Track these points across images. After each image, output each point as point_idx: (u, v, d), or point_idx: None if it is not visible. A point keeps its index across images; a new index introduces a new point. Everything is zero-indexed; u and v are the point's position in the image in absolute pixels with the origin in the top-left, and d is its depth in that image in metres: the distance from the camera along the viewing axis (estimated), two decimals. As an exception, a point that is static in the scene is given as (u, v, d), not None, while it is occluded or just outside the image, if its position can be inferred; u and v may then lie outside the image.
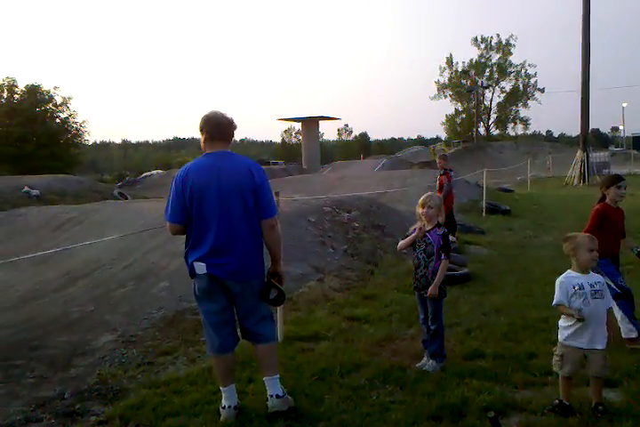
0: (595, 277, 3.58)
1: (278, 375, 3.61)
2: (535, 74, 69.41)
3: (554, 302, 3.54)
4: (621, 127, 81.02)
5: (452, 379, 4.03)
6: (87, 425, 3.48)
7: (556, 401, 3.54)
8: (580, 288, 3.51)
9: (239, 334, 3.70)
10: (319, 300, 6.17)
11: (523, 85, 69.60)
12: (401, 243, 4.59)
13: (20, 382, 4.08)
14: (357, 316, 5.62)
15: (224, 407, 3.50)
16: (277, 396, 3.53)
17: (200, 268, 3.51)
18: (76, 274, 7.10)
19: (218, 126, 3.64)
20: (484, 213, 13.67)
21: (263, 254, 3.57)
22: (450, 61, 70.33)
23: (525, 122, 71.82)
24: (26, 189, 17.43)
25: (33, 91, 38.57)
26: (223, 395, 3.53)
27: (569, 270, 3.65)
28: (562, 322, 3.60)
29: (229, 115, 3.73)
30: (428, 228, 4.41)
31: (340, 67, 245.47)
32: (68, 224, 9.93)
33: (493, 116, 72.27)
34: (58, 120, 39.71)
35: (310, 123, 53.88)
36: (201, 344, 4.81)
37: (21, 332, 5.13)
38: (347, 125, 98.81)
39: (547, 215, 14.31)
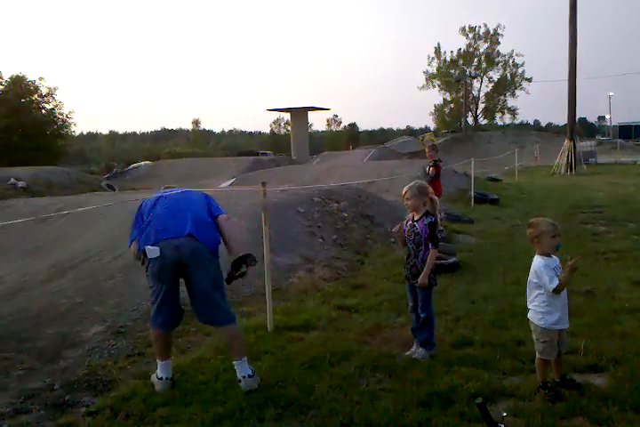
0: (556, 261, 3.71)
1: (246, 357, 3.87)
2: (523, 63, 69.63)
3: (554, 285, 3.55)
4: (608, 117, 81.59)
5: (441, 366, 4.07)
6: (77, 416, 3.48)
7: (541, 384, 3.62)
8: (555, 271, 3.62)
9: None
10: (309, 290, 6.19)
11: (510, 75, 69.74)
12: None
13: (8, 374, 4.06)
14: (347, 305, 5.65)
15: (161, 378, 3.80)
16: (248, 376, 3.77)
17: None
18: (64, 266, 7.05)
19: None
20: (472, 203, 13.72)
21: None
22: (438, 51, 70.27)
23: (513, 111, 72.09)
24: (12, 180, 17.26)
25: (18, 81, 38.06)
26: (160, 368, 3.84)
27: (537, 256, 3.74)
28: (542, 309, 3.65)
29: None
30: (416, 217, 4.43)
31: (329, 57, 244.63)
32: (55, 216, 9.84)
33: (481, 106, 72.44)
34: (44, 111, 39.25)
35: (299, 113, 53.70)
36: (191, 334, 4.82)
37: (10, 324, 5.09)
38: (336, 116, 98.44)
39: (534, 204, 14.39)
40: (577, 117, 29.24)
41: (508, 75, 69.68)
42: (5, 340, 4.66)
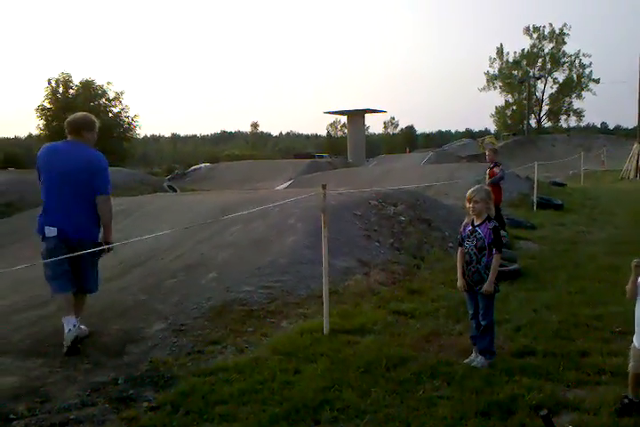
0: None
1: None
2: (590, 64, 66.97)
3: None
4: (682, 119, 77.37)
5: (501, 376, 3.97)
6: (139, 411, 3.58)
7: (625, 400, 3.45)
8: None
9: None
10: (365, 293, 6.17)
11: (577, 76, 67.28)
12: None
13: (76, 367, 4.23)
14: (403, 310, 5.59)
15: (70, 330, 4.42)
16: (74, 326, 4.47)
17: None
18: (129, 264, 7.31)
19: (69, 123, 4.88)
20: (534, 208, 13.33)
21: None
22: (500, 52, 68.59)
23: (579, 114, 69.45)
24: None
25: (87, 86, 39.70)
26: (68, 321, 4.47)
27: None
28: None
29: (89, 116, 5.03)
30: (477, 222, 4.34)
31: (387, 59, 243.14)
32: (120, 216, 10.20)
33: (545, 108, 70.20)
34: (111, 114, 40.78)
35: (356, 116, 53.58)
36: (248, 334, 4.89)
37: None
38: (393, 118, 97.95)
39: (601, 210, 13.85)
40: (648, 120, 27.84)
41: (574, 75, 67.28)
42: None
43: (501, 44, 69.61)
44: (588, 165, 26.85)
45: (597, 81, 66.30)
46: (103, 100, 40.57)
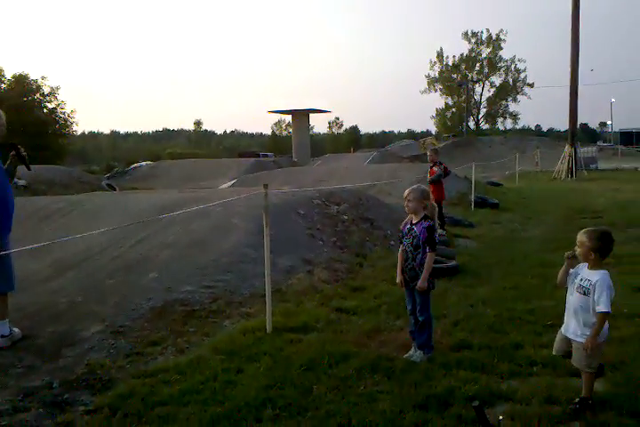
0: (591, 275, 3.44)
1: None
2: (525, 69, 69.90)
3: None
4: (609, 123, 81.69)
5: (439, 369, 4.08)
6: (76, 415, 3.48)
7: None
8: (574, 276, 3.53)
9: None
10: (308, 291, 6.20)
11: (512, 80, 69.92)
12: None
13: (7, 372, 4.06)
14: (346, 307, 5.66)
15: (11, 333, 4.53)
16: (3, 336, 4.49)
17: None
18: (63, 265, 7.05)
19: None
20: (472, 207, 13.75)
21: None
22: (440, 55, 70.47)
23: (515, 116, 72.29)
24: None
25: (20, 80, 38.12)
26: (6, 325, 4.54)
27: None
28: None
29: None
30: (415, 220, 4.45)
31: (332, 59, 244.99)
32: (56, 215, 9.84)
33: (483, 111, 72.61)
34: (45, 110, 39.29)
35: (301, 115, 53.75)
36: (190, 335, 4.83)
37: (9, 322, 5.10)
38: (337, 118, 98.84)
39: (534, 209, 14.42)
40: (578, 123, 29.28)
41: (510, 80, 69.85)
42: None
43: (441, 48, 71.67)
44: (523, 166, 27.91)
45: (532, 85, 69.18)
46: (37, 95, 39.04)
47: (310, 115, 55.69)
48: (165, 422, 3.36)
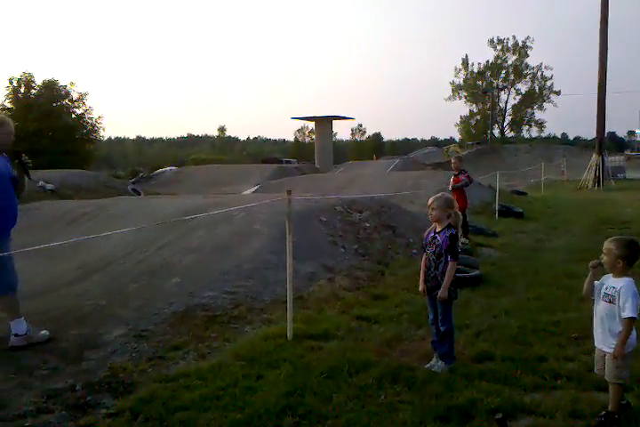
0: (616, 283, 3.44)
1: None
2: (551, 76, 69.04)
3: None
4: (638, 131, 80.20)
5: (461, 380, 4.03)
6: (97, 417, 3.52)
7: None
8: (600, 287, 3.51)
9: None
10: (329, 299, 6.19)
11: (539, 88, 69.17)
12: None
13: (32, 373, 4.12)
14: (367, 315, 5.63)
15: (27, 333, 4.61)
16: (16, 335, 4.57)
17: None
18: (89, 268, 7.17)
19: None
20: (496, 216, 13.60)
21: None
22: (465, 62, 70.10)
23: (541, 124, 71.41)
24: (41, 183, 17.60)
25: (50, 86, 38.80)
26: (25, 322, 4.65)
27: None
28: None
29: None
30: (438, 229, 4.43)
31: (356, 66, 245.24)
32: (82, 218, 10.02)
33: (508, 119, 71.89)
34: (74, 116, 39.96)
35: (324, 122, 53.90)
36: (211, 340, 4.85)
37: (34, 324, 5.18)
38: (360, 125, 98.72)
39: (560, 219, 14.21)
40: (606, 131, 28.82)
41: (537, 87, 69.13)
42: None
43: (466, 55, 71.30)
44: (548, 175, 27.56)
45: (558, 93, 68.33)
46: (66, 101, 39.72)
47: (333, 121, 55.81)
48: (185, 427, 3.37)
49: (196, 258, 7.05)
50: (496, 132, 69.73)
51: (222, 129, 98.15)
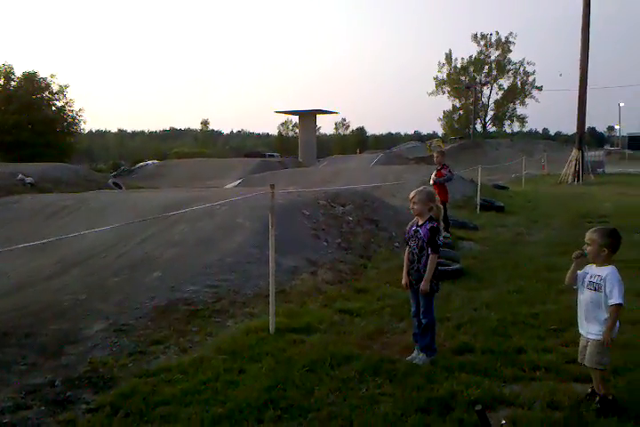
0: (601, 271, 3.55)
1: None
2: (534, 72, 69.53)
3: None
4: (617, 127, 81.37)
5: (442, 373, 4.06)
6: (77, 413, 3.49)
7: (589, 389, 3.63)
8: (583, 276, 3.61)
9: None
10: (312, 292, 6.20)
11: (521, 83, 69.67)
12: None
13: (10, 369, 4.08)
14: (349, 309, 5.65)
15: None
16: None
17: None
18: (68, 262, 7.09)
19: None
20: (477, 210, 13.71)
21: None
22: (449, 57, 70.33)
23: (522, 119, 72.01)
24: (20, 176, 17.35)
25: (30, 78, 38.20)
26: None
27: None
28: None
29: None
30: (420, 222, 4.45)
31: (339, 60, 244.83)
32: (62, 212, 9.89)
33: (490, 113, 72.36)
34: (54, 108, 39.38)
35: (308, 116, 53.68)
36: (193, 334, 4.84)
37: (12, 319, 5.12)
38: (344, 119, 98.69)
39: (540, 213, 14.36)
40: (586, 127, 29.12)
41: (519, 83, 69.62)
42: (8, 335, 4.68)
43: (450, 50, 71.43)
44: (529, 169, 27.80)
45: (540, 88, 68.87)
46: (46, 93, 39.14)
47: (317, 115, 55.65)
48: (167, 422, 3.36)
49: (178, 252, 7.01)
50: (478, 126, 70.19)
51: (205, 122, 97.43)
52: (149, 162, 40.27)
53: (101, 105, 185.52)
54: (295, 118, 66.70)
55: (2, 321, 5.05)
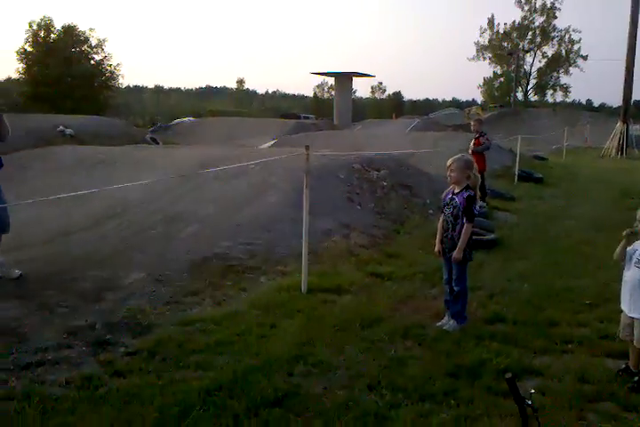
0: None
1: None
2: (579, 40, 66.44)
3: None
4: (666, 100, 77.88)
5: (471, 340, 4.07)
6: (116, 355, 3.62)
7: (623, 365, 3.61)
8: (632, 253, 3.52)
9: None
10: (344, 255, 6.22)
11: (565, 51, 66.82)
12: None
13: (52, 310, 4.23)
14: (381, 273, 5.66)
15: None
16: None
17: None
18: (107, 214, 7.23)
19: None
20: (515, 180, 13.44)
21: None
22: (491, 22, 67.63)
23: (566, 89, 69.36)
24: (60, 128, 17.61)
25: (69, 31, 38.28)
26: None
27: None
28: None
29: None
30: (456, 190, 4.38)
31: (378, 23, 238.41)
32: (100, 164, 10.04)
33: (533, 82, 69.90)
34: (92, 62, 39.53)
35: (344, 79, 52.81)
36: (227, 288, 4.93)
37: (54, 264, 5.29)
38: (380, 83, 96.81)
39: (580, 186, 14.01)
40: (632, 99, 27.98)
41: (563, 51, 66.81)
42: (50, 279, 4.84)
43: (492, 15, 68.68)
44: (571, 141, 26.96)
45: (585, 57, 65.99)
46: (85, 46, 39.22)
47: (353, 78, 54.70)
48: (201, 369, 3.46)
49: (213, 209, 7.08)
50: (519, 95, 68.00)
51: (241, 81, 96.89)
52: (186, 119, 40.40)
53: (139, 61, 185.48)
54: (331, 80, 65.69)
55: (43, 265, 5.22)
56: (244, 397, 3.09)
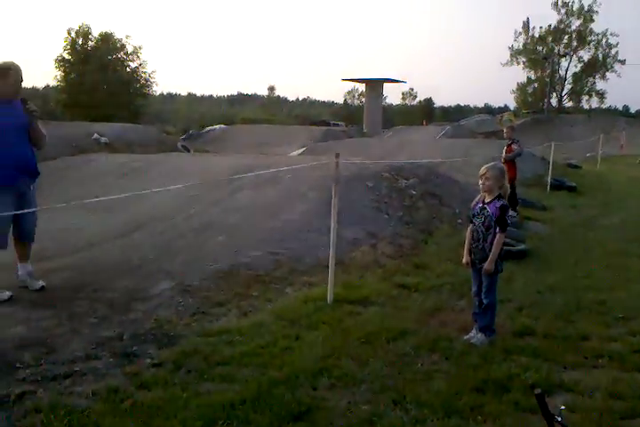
0: None
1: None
2: (617, 44, 64.98)
3: None
4: None
5: (499, 354, 4.01)
6: (142, 367, 3.66)
7: None
8: None
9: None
10: (371, 265, 6.20)
11: (602, 56, 65.44)
12: None
13: (82, 321, 4.31)
14: (408, 284, 5.62)
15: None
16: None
17: None
18: (138, 222, 7.36)
19: None
20: (548, 189, 13.21)
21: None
22: (526, 26, 66.67)
23: (602, 95, 67.85)
24: (95, 135, 17.97)
25: (106, 38, 39.10)
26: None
27: None
28: None
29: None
30: (488, 200, 4.32)
31: (409, 28, 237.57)
32: (134, 172, 10.24)
33: (567, 87, 68.61)
34: (128, 69, 40.27)
35: (374, 85, 52.74)
36: (253, 298, 4.95)
37: (85, 274, 5.39)
38: (412, 89, 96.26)
39: (615, 195, 13.69)
40: (672, 105, 27.20)
41: (600, 55, 65.43)
42: (81, 289, 4.94)
43: (528, 19, 67.54)
44: (606, 149, 26.37)
45: (623, 62, 64.49)
46: (121, 53, 40.01)
47: (384, 84, 54.59)
48: (225, 381, 3.48)
49: (241, 217, 7.14)
50: (554, 101, 66.83)
51: (272, 88, 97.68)
52: (217, 126, 40.83)
53: (172, 68, 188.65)
54: (362, 87, 65.70)
55: (75, 275, 5.34)
56: (267, 411, 3.09)
